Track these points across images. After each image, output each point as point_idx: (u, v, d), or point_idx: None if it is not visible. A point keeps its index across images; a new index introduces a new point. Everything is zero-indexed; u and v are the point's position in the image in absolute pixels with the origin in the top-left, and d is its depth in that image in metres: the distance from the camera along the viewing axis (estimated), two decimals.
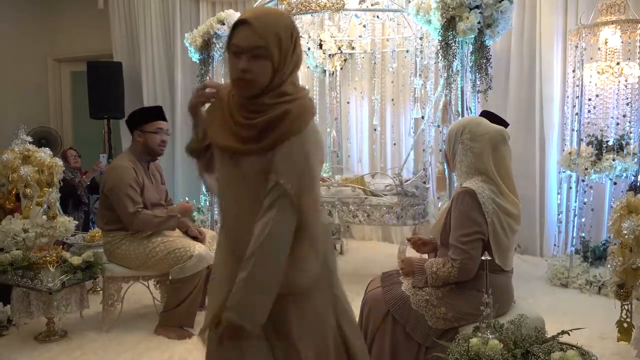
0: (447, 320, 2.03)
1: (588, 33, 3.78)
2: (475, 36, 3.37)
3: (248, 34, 1.42)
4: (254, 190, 1.48)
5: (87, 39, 7.14)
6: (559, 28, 4.47)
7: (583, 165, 3.73)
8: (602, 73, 3.78)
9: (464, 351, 1.61)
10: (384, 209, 3.76)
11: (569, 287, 3.77)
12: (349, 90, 5.37)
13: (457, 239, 2.00)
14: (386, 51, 4.83)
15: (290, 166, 1.44)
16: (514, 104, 4.71)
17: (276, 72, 1.45)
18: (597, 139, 3.78)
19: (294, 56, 1.50)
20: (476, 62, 3.44)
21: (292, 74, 1.52)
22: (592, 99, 3.83)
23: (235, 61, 1.45)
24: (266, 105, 1.46)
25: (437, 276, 2.03)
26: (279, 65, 1.45)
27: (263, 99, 1.47)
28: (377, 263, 4.57)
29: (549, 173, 4.60)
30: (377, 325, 2.13)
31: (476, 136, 2.10)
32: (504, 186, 2.07)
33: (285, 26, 1.46)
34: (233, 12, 4.26)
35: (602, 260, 3.78)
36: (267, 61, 1.43)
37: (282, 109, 1.45)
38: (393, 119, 5.25)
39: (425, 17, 3.52)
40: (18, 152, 3.50)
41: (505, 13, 3.33)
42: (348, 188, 3.88)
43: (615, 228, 2.33)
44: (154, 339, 3.00)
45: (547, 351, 1.57)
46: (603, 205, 4.16)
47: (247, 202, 1.50)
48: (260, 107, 1.47)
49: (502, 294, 2.05)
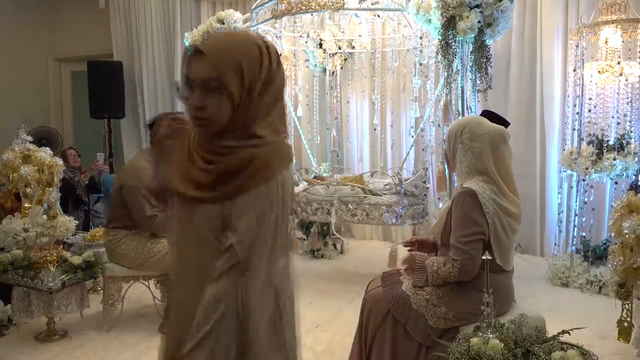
0: (447, 320, 2.03)
1: (589, 32, 3.77)
2: (475, 35, 3.36)
3: (200, 65, 1.21)
4: (208, 253, 1.23)
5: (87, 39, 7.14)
6: (560, 27, 4.47)
7: (584, 165, 3.73)
8: (603, 72, 3.78)
9: (465, 351, 1.61)
10: (383, 208, 3.74)
11: (569, 287, 3.77)
12: (349, 89, 5.36)
13: (458, 240, 2.00)
14: (386, 50, 4.83)
15: (252, 220, 1.20)
16: (514, 104, 4.71)
17: (238, 108, 1.21)
18: (597, 139, 3.78)
19: (269, 90, 1.24)
20: (476, 62, 3.43)
21: (269, 111, 1.26)
22: (592, 98, 3.83)
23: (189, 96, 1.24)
24: (229, 148, 1.24)
25: (437, 275, 2.03)
26: (242, 101, 1.21)
27: (227, 140, 1.24)
28: (377, 262, 4.56)
29: (549, 172, 4.60)
30: (377, 324, 2.13)
31: (476, 136, 2.10)
32: (505, 186, 2.07)
33: (248, 52, 1.21)
34: (233, 12, 4.26)
35: (603, 259, 3.78)
36: (223, 95, 1.20)
37: (246, 154, 1.22)
38: (393, 119, 5.25)
39: (426, 16, 3.51)
40: (18, 152, 3.50)
41: (506, 12, 3.33)
42: (347, 187, 3.87)
43: (616, 227, 2.33)
44: (154, 339, 2.99)
45: (547, 351, 1.57)
46: (603, 205, 4.16)
47: (200, 267, 1.25)
48: (222, 150, 1.24)
49: (503, 294, 2.05)
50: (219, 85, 1.20)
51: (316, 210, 3.93)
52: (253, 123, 1.24)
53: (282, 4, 3.85)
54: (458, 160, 2.16)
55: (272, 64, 1.24)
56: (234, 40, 1.28)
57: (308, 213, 3.98)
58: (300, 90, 5.13)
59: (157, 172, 2.69)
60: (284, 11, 3.84)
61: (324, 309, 3.43)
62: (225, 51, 1.21)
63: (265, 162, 1.22)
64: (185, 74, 1.25)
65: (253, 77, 1.21)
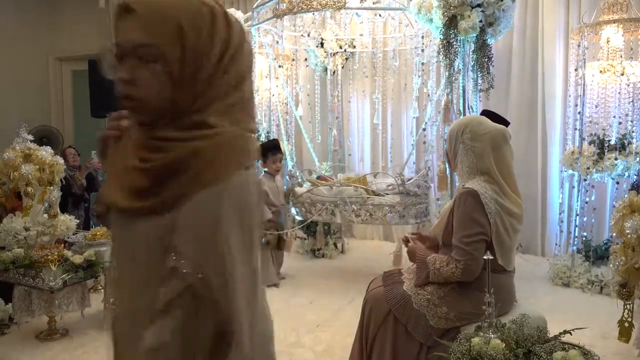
0: (448, 320, 2.02)
1: (590, 32, 3.77)
2: (476, 35, 3.36)
3: (129, 26, 0.92)
4: (147, 274, 0.94)
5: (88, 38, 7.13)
6: (561, 27, 4.46)
7: (585, 165, 3.72)
8: (604, 72, 3.77)
9: (466, 350, 1.60)
10: (386, 208, 3.78)
11: (570, 287, 3.77)
12: (350, 89, 5.36)
13: (460, 240, 1.99)
14: (387, 50, 4.83)
15: (197, 237, 0.90)
16: (516, 103, 4.71)
17: (179, 86, 0.92)
18: (599, 138, 3.77)
19: (229, 68, 0.95)
20: (478, 61, 3.43)
21: (227, 95, 0.96)
22: (594, 98, 3.83)
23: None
24: (169, 141, 0.94)
25: (439, 273, 2.03)
26: (184, 76, 0.92)
27: (166, 130, 0.94)
28: (378, 262, 4.57)
29: (551, 172, 4.59)
30: (378, 324, 2.13)
31: (477, 136, 2.09)
32: (506, 186, 2.07)
33: (194, 13, 0.92)
34: (235, 11, 4.25)
35: (604, 259, 3.77)
36: (158, 68, 0.92)
37: (188, 148, 0.92)
38: (394, 118, 5.24)
39: (427, 15, 3.51)
40: (19, 151, 3.50)
41: (507, 11, 3.33)
42: (350, 187, 3.89)
43: (618, 227, 2.32)
44: None
45: (549, 351, 1.57)
46: (605, 205, 4.15)
47: (141, 292, 0.96)
48: (159, 143, 0.94)
49: (504, 294, 2.05)
50: (153, 53, 0.91)
51: (320, 210, 3.97)
52: (204, 109, 0.94)
53: (283, 3, 3.85)
54: (459, 160, 2.15)
55: (232, 35, 0.95)
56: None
57: (312, 213, 4.01)
58: (302, 89, 5.13)
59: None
60: (285, 10, 3.84)
61: (324, 309, 3.43)
62: (161, 8, 0.91)
63: (212, 157, 0.92)
64: (114, 40, 0.95)
65: (200, 46, 0.92)
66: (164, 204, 0.92)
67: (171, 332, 0.88)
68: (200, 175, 0.91)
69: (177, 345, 0.89)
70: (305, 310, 3.42)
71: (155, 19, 0.91)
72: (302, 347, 2.87)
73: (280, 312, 3.39)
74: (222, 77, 0.95)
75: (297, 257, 4.75)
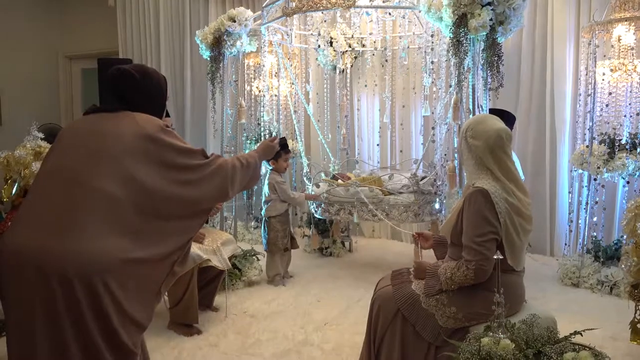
0: (457, 320, 2.02)
1: (601, 30, 3.73)
2: (486, 33, 3.34)
3: None
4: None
5: (97, 37, 7.18)
6: (572, 25, 4.43)
7: (595, 164, 3.70)
8: (615, 71, 3.74)
9: (475, 351, 1.60)
10: (402, 207, 3.84)
11: (580, 287, 3.74)
12: (360, 87, 5.35)
13: (472, 240, 1.98)
14: (397, 49, 4.81)
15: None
16: (525, 102, 4.68)
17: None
18: (609, 137, 3.74)
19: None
20: (487, 60, 3.41)
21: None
22: (604, 96, 3.79)
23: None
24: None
25: (452, 281, 2.01)
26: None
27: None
28: (386, 261, 4.56)
29: (560, 171, 4.56)
30: (386, 323, 2.13)
31: (477, 134, 2.09)
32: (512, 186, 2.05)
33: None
34: (244, 10, 4.26)
35: (614, 260, 3.75)
36: None
37: None
38: (403, 117, 5.23)
39: (437, 14, 3.49)
40: (30, 149, 3.53)
41: (518, 10, 3.30)
42: (366, 188, 3.96)
43: (630, 228, 2.30)
44: (163, 334, 3.01)
45: (559, 352, 1.56)
46: (615, 205, 4.12)
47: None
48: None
49: (514, 294, 2.04)
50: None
51: (338, 210, 4.03)
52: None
53: (292, 2, 3.85)
54: (465, 158, 2.16)
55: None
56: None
57: (330, 213, 4.07)
58: (311, 88, 5.12)
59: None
60: (295, 9, 3.84)
61: (332, 307, 3.43)
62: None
63: None
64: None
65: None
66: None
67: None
68: None
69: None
70: (313, 309, 3.42)
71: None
72: (310, 345, 2.87)
73: (288, 310, 3.40)
74: None
75: (305, 255, 4.75)
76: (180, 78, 6.41)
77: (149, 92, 1.89)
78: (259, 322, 3.20)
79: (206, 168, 1.85)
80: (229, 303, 3.38)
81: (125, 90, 1.85)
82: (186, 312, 3.04)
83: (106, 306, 1.56)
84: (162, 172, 1.73)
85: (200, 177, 1.83)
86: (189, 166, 1.81)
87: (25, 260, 1.55)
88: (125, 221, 1.64)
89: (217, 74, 4.34)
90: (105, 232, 1.60)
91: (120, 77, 1.86)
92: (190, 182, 1.80)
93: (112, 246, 1.59)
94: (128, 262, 1.62)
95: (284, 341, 2.94)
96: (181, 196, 1.77)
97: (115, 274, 1.59)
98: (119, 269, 1.60)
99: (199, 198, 1.84)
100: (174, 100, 6.42)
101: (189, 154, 1.82)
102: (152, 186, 1.70)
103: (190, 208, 1.83)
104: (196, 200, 1.83)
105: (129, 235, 1.64)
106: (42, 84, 7.28)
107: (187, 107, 6.38)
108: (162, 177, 1.73)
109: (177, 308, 3.04)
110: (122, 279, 1.60)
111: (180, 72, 6.42)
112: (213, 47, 4.32)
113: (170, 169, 1.75)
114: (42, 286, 1.52)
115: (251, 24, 4.29)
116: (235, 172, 1.95)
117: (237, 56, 4.48)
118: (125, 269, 1.61)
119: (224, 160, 1.96)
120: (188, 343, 2.91)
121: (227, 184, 1.91)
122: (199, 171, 1.83)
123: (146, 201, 1.69)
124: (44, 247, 1.55)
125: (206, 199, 1.87)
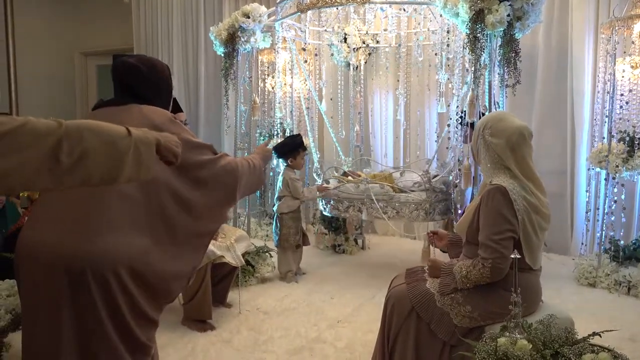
0: (472, 319, 1.99)
1: (621, 26, 3.67)
2: (504, 29, 3.30)
3: None
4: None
5: (112, 33, 7.23)
6: (591, 21, 4.35)
7: (614, 163, 3.63)
8: (636, 67, 3.66)
9: (492, 351, 1.57)
10: (412, 205, 3.79)
11: (596, 287, 3.69)
12: (374, 84, 5.32)
13: (489, 237, 1.95)
14: (411, 45, 4.77)
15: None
16: (541, 99, 4.62)
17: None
18: (629, 136, 3.68)
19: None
20: (505, 56, 3.36)
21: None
22: (624, 94, 3.73)
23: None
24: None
25: (468, 280, 1.99)
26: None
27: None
28: (400, 258, 4.54)
29: (579, 170, 4.49)
30: (400, 322, 2.11)
31: (497, 132, 2.05)
32: (531, 185, 2.02)
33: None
34: (258, 6, 4.26)
35: (632, 260, 3.69)
36: None
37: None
38: (418, 114, 5.19)
39: (453, 9, 3.45)
40: None
41: (536, 5, 3.25)
42: (377, 185, 3.91)
43: None
44: (177, 330, 3.02)
45: (578, 353, 1.53)
46: (634, 204, 4.05)
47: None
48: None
49: (531, 293, 2.01)
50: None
51: (348, 207, 3.99)
52: None
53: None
54: (482, 157, 2.12)
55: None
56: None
57: (340, 210, 4.03)
58: (325, 84, 5.11)
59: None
60: (309, 5, 3.82)
61: (345, 305, 3.42)
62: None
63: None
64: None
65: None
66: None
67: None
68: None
69: None
70: (326, 306, 3.41)
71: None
72: (323, 343, 2.86)
73: (301, 308, 3.40)
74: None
75: (318, 252, 4.74)
76: (194, 74, 6.44)
77: (155, 84, 1.87)
78: (271, 319, 3.20)
79: (216, 164, 1.82)
80: (242, 299, 3.38)
81: (131, 83, 1.83)
82: (200, 308, 3.05)
83: (120, 302, 1.57)
84: (172, 168, 1.65)
85: (209, 174, 1.79)
86: (198, 162, 1.77)
87: (42, 256, 1.56)
88: (140, 219, 1.64)
89: (230, 70, 4.35)
90: (124, 228, 1.59)
91: (126, 70, 1.84)
92: (199, 180, 1.77)
93: (128, 243, 1.59)
94: (142, 260, 1.62)
95: (296, 338, 2.94)
96: (189, 200, 1.73)
97: (130, 271, 1.59)
98: (134, 265, 1.60)
99: (207, 202, 1.79)
100: (186, 96, 6.45)
101: (198, 149, 1.79)
102: (164, 181, 1.68)
103: (196, 216, 1.76)
104: (205, 203, 1.78)
105: (146, 233, 1.64)
106: (58, 80, 7.35)
107: (200, 104, 6.41)
108: (174, 174, 1.69)
109: (190, 304, 3.05)
110: (137, 276, 1.61)
111: (194, 69, 6.45)
112: (227, 44, 4.32)
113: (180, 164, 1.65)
114: (59, 281, 1.53)
115: (265, 20, 4.28)
116: (244, 171, 1.92)
117: (251, 52, 4.48)
118: (140, 266, 1.61)
119: (232, 158, 1.93)
120: (201, 339, 2.92)
121: (236, 183, 1.87)
122: (208, 167, 1.79)
123: (157, 198, 1.67)
124: (61, 242, 1.55)
125: (214, 199, 1.82)
